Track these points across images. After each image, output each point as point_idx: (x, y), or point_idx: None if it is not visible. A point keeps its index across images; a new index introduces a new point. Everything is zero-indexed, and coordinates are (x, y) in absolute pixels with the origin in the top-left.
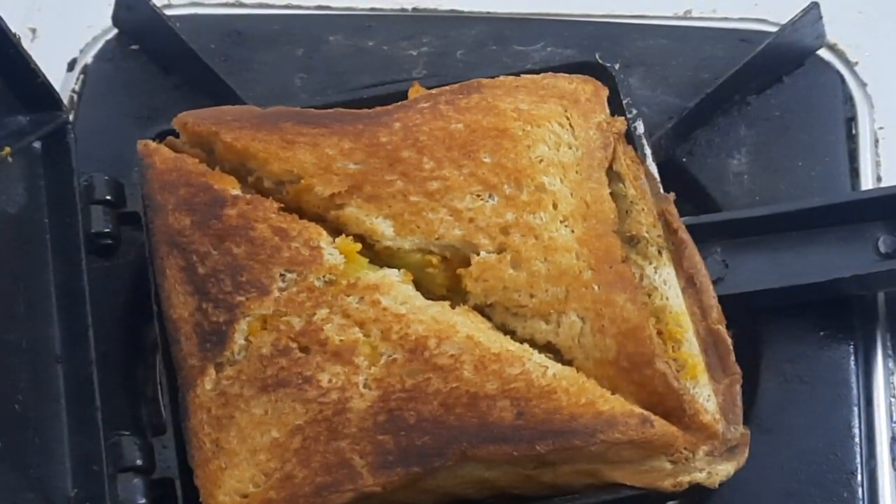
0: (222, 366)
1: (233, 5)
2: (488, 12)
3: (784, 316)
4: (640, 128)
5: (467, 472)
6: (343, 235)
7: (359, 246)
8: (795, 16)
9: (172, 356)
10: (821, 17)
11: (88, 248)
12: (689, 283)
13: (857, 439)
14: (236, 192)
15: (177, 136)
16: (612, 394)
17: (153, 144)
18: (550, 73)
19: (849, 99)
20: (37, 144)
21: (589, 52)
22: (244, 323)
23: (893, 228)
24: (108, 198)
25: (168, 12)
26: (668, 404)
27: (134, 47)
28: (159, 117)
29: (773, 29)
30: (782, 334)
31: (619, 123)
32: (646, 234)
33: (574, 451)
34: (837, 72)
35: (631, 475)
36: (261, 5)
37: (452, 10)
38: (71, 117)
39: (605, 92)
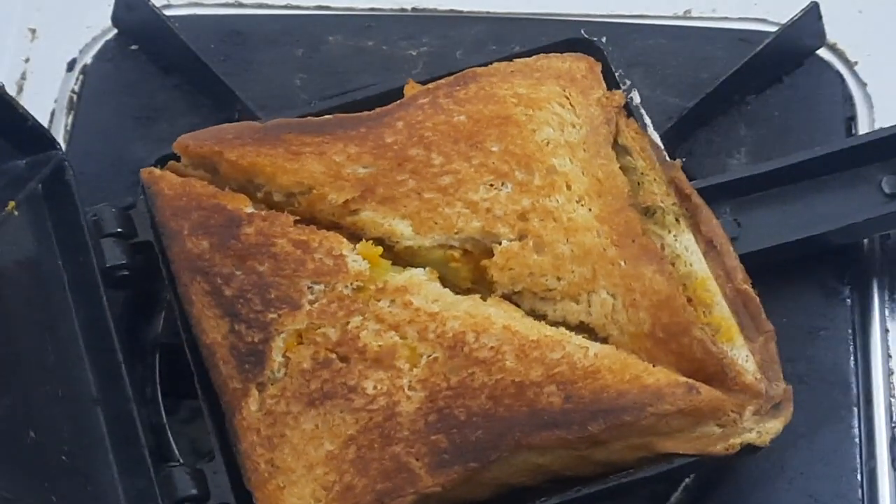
0: (264, 385)
1: (233, 5)
2: (488, 12)
3: (783, 315)
4: (637, 98)
5: (521, 460)
6: (363, 240)
7: (380, 249)
8: (795, 16)
9: (213, 381)
10: (821, 17)
11: (106, 283)
12: (709, 247)
13: (856, 439)
14: (250, 209)
15: (177, 159)
16: (653, 366)
17: (158, 172)
18: (542, 54)
19: (849, 99)
20: (38, 187)
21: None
22: (280, 340)
23: (894, 168)
24: (119, 229)
25: (168, 12)
26: (709, 370)
27: (134, 47)
28: (159, 117)
29: (773, 29)
30: (782, 335)
31: (618, 97)
32: (661, 204)
33: (625, 427)
34: (837, 72)
35: (682, 444)
36: (261, 5)
37: (452, 10)
38: (65, 146)
39: (599, 67)
